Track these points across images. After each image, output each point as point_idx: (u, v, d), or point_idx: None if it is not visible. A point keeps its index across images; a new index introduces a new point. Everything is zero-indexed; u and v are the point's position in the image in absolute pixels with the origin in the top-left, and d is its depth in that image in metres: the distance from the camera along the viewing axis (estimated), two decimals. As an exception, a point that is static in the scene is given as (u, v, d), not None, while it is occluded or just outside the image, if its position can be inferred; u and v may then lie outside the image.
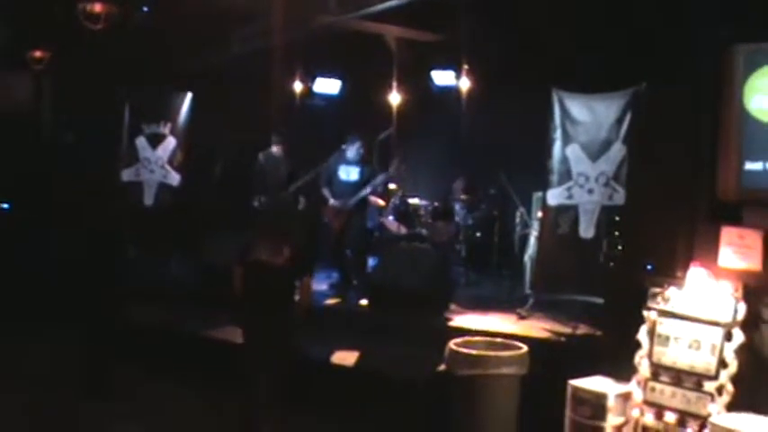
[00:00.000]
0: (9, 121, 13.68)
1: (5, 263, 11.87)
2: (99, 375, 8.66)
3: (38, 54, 13.46)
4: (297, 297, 7.19)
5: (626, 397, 6.66)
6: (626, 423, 6.65)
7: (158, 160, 12.72)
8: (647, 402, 6.60)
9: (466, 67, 12.07)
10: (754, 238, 6.55)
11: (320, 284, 10.94)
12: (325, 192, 10.89)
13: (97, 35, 11.19)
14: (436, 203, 12.46)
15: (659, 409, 6.50)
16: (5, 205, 13.28)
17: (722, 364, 6.24)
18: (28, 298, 11.11)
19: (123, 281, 9.33)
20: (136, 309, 10.14)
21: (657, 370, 6.57)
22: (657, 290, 6.70)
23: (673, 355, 6.51)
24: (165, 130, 12.76)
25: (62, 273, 10.86)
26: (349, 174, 10.84)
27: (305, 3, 10.79)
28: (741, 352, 6.24)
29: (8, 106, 13.81)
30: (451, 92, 12.51)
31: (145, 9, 12.07)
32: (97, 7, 10.95)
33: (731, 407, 6.18)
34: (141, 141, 12.83)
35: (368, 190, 10.77)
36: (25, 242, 12.34)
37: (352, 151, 10.79)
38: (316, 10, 10.97)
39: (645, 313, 6.71)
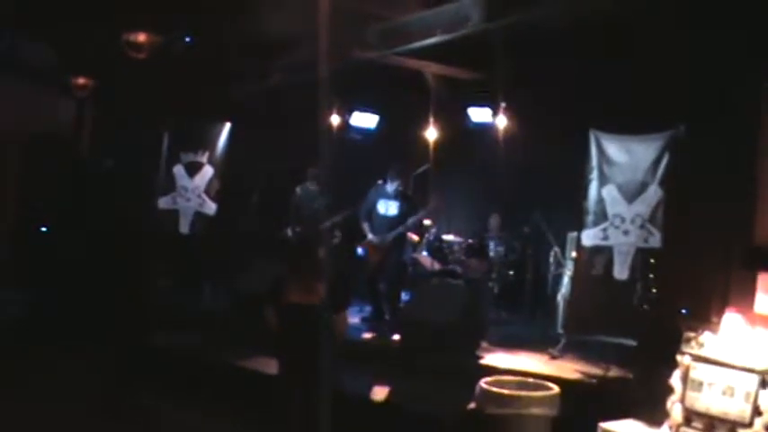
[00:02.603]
0: (51, 146, 13.88)
1: (39, 284, 11.98)
2: (121, 402, 8.66)
3: (81, 81, 13.65)
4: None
5: (657, 442, 6.60)
6: (657, 468, 6.59)
7: (195, 189, 12.80)
8: (678, 448, 6.52)
9: (503, 105, 12.08)
10: (791, 285, 6.50)
11: (353, 318, 10.95)
12: (365, 226, 10.93)
13: (140, 64, 11.37)
14: (470, 240, 12.43)
15: (691, 456, 6.43)
16: (43, 228, 13.42)
17: (757, 411, 6.15)
18: (58, 319, 11.19)
19: (153, 307, 9.35)
20: (166, 336, 10.17)
21: (690, 416, 6.49)
22: (692, 334, 6.64)
23: (706, 401, 6.43)
24: (203, 158, 12.87)
25: (93, 296, 10.94)
26: (388, 208, 10.87)
27: (346, 37, 10.86)
28: (776, 400, 6.15)
29: (50, 132, 14.00)
30: (488, 129, 12.52)
31: (187, 40, 12.23)
32: (141, 37, 11.17)
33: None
34: (179, 169, 12.94)
35: (408, 224, 10.80)
36: (59, 265, 12.45)
37: (391, 186, 10.84)
38: (357, 45, 11.04)
39: (678, 357, 6.65)
